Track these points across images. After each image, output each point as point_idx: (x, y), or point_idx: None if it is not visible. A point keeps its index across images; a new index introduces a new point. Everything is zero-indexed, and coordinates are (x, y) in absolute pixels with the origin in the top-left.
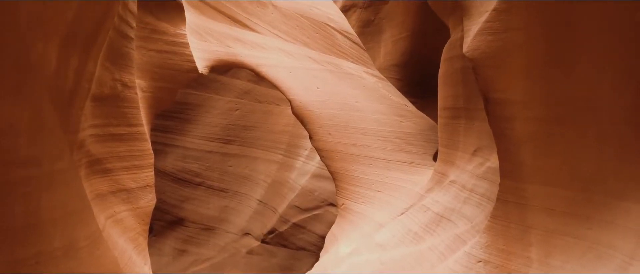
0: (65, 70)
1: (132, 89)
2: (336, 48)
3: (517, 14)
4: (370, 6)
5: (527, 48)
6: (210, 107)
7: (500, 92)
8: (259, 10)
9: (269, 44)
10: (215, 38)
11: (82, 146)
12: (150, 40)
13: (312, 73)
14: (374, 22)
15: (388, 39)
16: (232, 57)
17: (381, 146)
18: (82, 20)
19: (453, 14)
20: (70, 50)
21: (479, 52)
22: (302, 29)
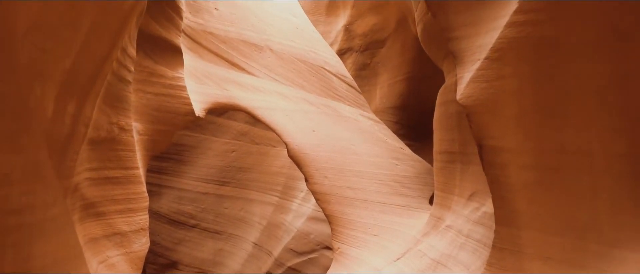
0: (62, 116)
1: (128, 132)
2: (332, 92)
3: (508, 63)
4: (366, 50)
5: (519, 96)
6: (207, 148)
7: (494, 139)
8: (256, 54)
9: (266, 87)
10: (213, 81)
11: (77, 190)
12: (148, 84)
13: (309, 116)
14: (369, 65)
15: (384, 82)
16: (229, 99)
17: (377, 189)
18: (80, 67)
19: (447, 59)
20: (67, 96)
21: (472, 100)
22: (299, 72)
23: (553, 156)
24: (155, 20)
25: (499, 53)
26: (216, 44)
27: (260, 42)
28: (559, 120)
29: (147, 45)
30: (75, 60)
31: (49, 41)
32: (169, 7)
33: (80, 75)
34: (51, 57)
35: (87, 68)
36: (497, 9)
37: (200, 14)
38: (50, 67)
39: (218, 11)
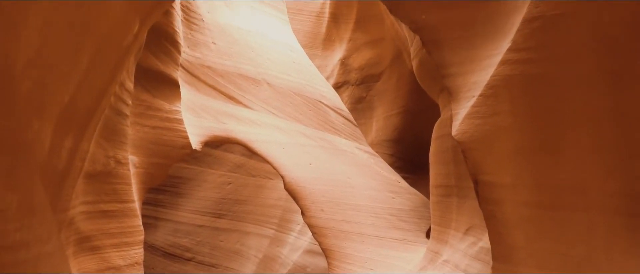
0: (59, 150)
1: (125, 165)
2: (329, 125)
3: (503, 100)
4: (362, 83)
5: (514, 133)
6: (203, 180)
7: (490, 175)
8: (253, 87)
9: (263, 120)
10: (210, 114)
11: (72, 223)
12: (145, 117)
13: (305, 150)
14: (366, 99)
15: (380, 115)
16: (226, 133)
17: (374, 223)
18: (78, 102)
19: (442, 94)
20: (65, 130)
21: (467, 136)
22: (295, 105)
23: (548, 193)
24: (153, 55)
25: (494, 90)
26: (213, 77)
27: (258, 75)
28: (554, 156)
29: (144, 79)
30: (74, 94)
31: (48, 76)
32: (167, 42)
33: (78, 109)
34: (50, 91)
35: (85, 103)
36: (491, 46)
37: (198, 48)
38: (49, 101)
39: (216, 45)
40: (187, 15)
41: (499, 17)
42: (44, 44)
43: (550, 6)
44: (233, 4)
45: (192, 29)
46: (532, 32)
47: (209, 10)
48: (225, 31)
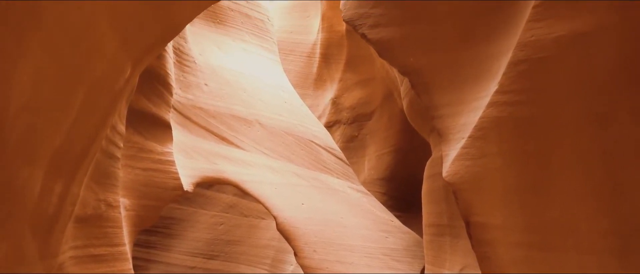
0: (49, 196)
1: (115, 208)
2: (321, 164)
3: (491, 141)
4: (353, 122)
5: (504, 174)
6: (195, 221)
7: (481, 216)
8: (245, 128)
9: (255, 161)
10: (202, 155)
11: (61, 268)
12: (137, 159)
13: (297, 190)
14: (357, 137)
15: (372, 154)
16: (218, 173)
17: (367, 263)
18: (70, 146)
19: (433, 133)
20: (55, 175)
21: (457, 177)
22: (288, 145)
23: (539, 233)
24: (145, 97)
25: (482, 132)
26: (206, 118)
27: (250, 116)
28: (544, 197)
29: (136, 121)
30: (65, 139)
31: (40, 121)
32: (159, 84)
33: (69, 153)
34: (41, 136)
35: (76, 147)
36: (479, 88)
37: (190, 90)
38: (40, 147)
39: (208, 87)
40: (179, 57)
41: (486, 60)
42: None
43: (536, 49)
44: (225, 46)
45: (184, 70)
46: (519, 74)
47: (201, 53)
48: (217, 73)
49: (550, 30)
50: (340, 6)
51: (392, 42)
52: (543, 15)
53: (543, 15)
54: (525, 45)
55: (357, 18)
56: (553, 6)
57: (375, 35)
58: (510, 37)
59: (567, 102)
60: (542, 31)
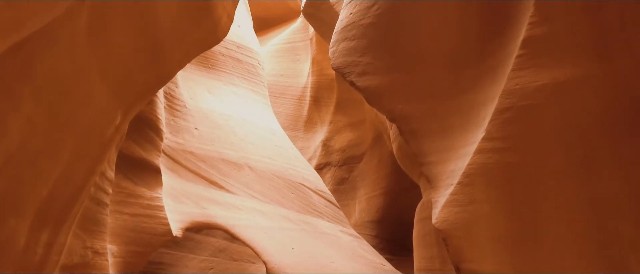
0: (34, 246)
1: (103, 256)
2: (311, 208)
3: (479, 188)
4: (344, 164)
5: (492, 221)
6: (184, 266)
7: (471, 262)
8: (235, 171)
9: (244, 205)
10: (191, 200)
11: None
12: (126, 205)
13: (287, 234)
14: (348, 180)
15: (362, 196)
16: (207, 218)
17: None
18: (57, 195)
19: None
20: (42, 225)
21: (447, 224)
22: (278, 189)
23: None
24: (135, 142)
25: (470, 179)
26: (196, 162)
27: (240, 160)
28: (533, 245)
29: (126, 167)
30: (53, 188)
31: (27, 172)
32: (149, 129)
33: (56, 203)
34: (28, 187)
35: (64, 196)
36: (466, 135)
37: (180, 134)
38: (26, 198)
39: (198, 131)
40: (170, 101)
41: (473, 107)
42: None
43: (520, 97)
44: (216, 90)
45: (175, 115)
46: (504, 122)
47: (192, 97)
48: (208, 117)
49: (534, 79)
50: (329, 54)
51: (380, 89)
52: (526, 64)
53: (526, 64)
54: (510, 94)
55: (346, 66)
56: (536, 56)
57: (363, 83)
58: (496, 85)
59: (552, 149)
60: (526, 80)
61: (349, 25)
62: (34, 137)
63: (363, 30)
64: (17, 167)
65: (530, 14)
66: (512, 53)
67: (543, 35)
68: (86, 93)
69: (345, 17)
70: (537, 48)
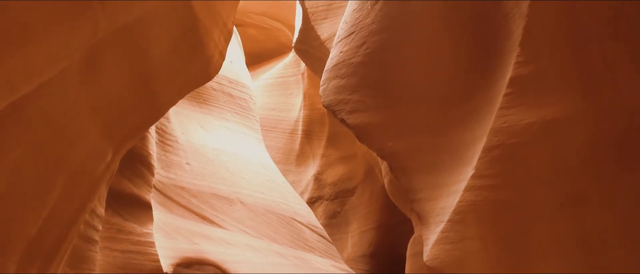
0: None
1: None
2: (303, 243)
3: (470, 225)
4: (336, 199)
5: (483, 258)
6: None
7: None
8: (226, 206)
9: (236, 240)
10: (182, 235)
11: None
12: (116, 241)
13: (279, 269)
14: (340, 213)
15: (355, 230)
16: (198, 254)
17: None
18: (46, 233)
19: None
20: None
21: (438, 261)
22: (269, 224)
23: None
24: (126, 178)
25: (461, 216)
26: (187, 198)
27: (231, 194)
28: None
29: (116, 203)
30: (42, 226)
31: (17, 210)
32: (141, 165)
33: (45, 241)
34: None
35: (53, 234)
36: (456, 172)
37: (172, 169)
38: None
39: (190, 166)
40: (161, 136)
41: (462, 145)
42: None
43: (508, 135)
44: (208, 125)
45: (167, 150)
46: (493, 160)
47: (183, 132)
48: (200, 151)
49: (521, 117)
50: (320, 92)
51: (371, 127)
52: (514, 103)
53: (514, 103)
54: (498, 131)
55: (336, 103)
56: (523, 94)
57: (353, 120)
58: (484, 123)
59: (541, 186)
60: (514, 118)
61: (340, 63)
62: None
63: (353, 68)
64: (6, 207)
65: (517, 53)
66: (499, 92)
67: (529, 74)
68: (77, 132)
69: (335, 56)
70: (524, 87)
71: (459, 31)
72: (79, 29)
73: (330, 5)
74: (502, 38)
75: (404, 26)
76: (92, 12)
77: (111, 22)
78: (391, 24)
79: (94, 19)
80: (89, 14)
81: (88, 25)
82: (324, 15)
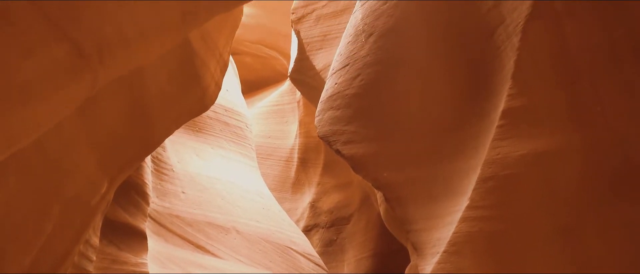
0: None
1: None
2: (299, 272)
3: (465, 256)
4: (332, 226)
5: None
6: None
7: None
8: (221, 235)
9: (231, 269)
10: (177, 264)
11: None
12: (110, 271)
13: None
14: (336, 242)
15: (351, 258)
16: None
17: None
18: (40, 265)
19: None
20: None
21: None
22: (265, 253)
23: None
24: (121, 207)
25: (456, 247)
26: (182, 226)
27: (227, 223)
28: None
29: (111, 232)
30: (36, 258)
31: (10, 243)
32: (136, 193)
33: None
34: (10, 258)
35: (47, 265)
36: (451, 203)
37: (167, 198)
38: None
39: (185, 194)
40: (157, 165)
41: (457, 175)
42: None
43: (502, 167)
44: (204, 153)
45: (162, 179)
46: (488, 191)
47: (179, 160)
48: (195, 180)
49: (515, 148)
50: (315, 123)
51: (366, 157)
52: (507, 134)
53: (507, 134)
54: (492, 163)
55: (331, 134)
56: (516, 126)
57: (348, 151)
58: (479, 154)
59: (535, 217)
60: (507, 149)
61: (335, 94)
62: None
63: (348, 100)
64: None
65: (509, 86)
66: (493, 123)
67: (522, 106)
68: (73, 164)
69: (330, 87)
70: (516, 119)
71: (452, 63)
72: (79, 86)
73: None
74: (495, 70)
75: (398, 58)
76: (92, 70)
77: (110, 75)
78: (385, 56)
79: (94, 75)
80: (89, 71)
81: (87, 82)
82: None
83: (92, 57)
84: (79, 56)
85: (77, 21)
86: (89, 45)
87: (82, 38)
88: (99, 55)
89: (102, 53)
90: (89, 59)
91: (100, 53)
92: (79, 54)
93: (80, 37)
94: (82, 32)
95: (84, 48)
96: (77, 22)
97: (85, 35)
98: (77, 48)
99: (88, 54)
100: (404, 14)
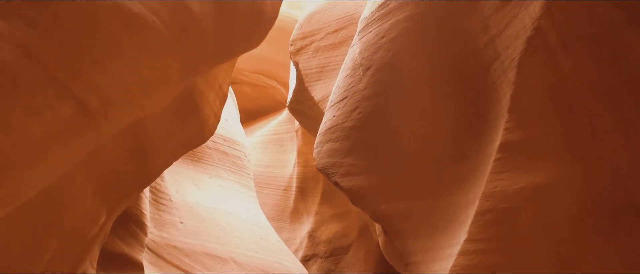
0: None
1: None
2: None
3: None
4: (330, 256)
5: None
6: None
7: None
8: (219, 266)
9: None
10: None
11: None
12: None
13: None
14: (334, 271)
15: None
16: None
17: None
18: None
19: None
20: None
21: None
22: None
23: None
24: (118, 237)
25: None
26: (179, 257)
27: (225, 254)
28: None
29: (108, 263)
30: None
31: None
32: (133, 224)
33: None
34: None
35: None
36: (449, 236)
37: (165, 228)
38: None
39: (183, 224)
40: (155, 195)
41: (455, 208)
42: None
43: (500, 200)
44: (202, 183)
45: (160, 208)
46: (486, 224)
47: (177, 190)
48: (193, 210)
49: (512, 181)
50: (314, 155)
51: (364, 190)
52: (504, 168)
53: (504, 168)
54: (490, 196)
55: (330, 167)
56: (513, 160)
57: (347, 184)
58: (476, 187)
59: (534, 250)
60: (505, 183)
61: (333, 127)
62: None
63: (346, 132)
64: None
65: (505, 120)
66: (490, 156)
67: (519, 140)
68: (72, 196)
69: (328, 119)
70: (513, 153)
71: (449, 97)
72: (83, 142)
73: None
74: (491, 104)
75: (395, 92)
76: (96, 126)
77: (114, 128)
78: (383, 89)
79: (98, 131)
80: (93, 127)
81: (92, 137)
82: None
83: (97, 113)
84: (84, 114)
85: (82, 80)
86: (93, 103)
87: (87, 96)
88: (103, 112)
89: (106, 110)
90: (94, 116)
91: (105, 109)
92: (84, 112)
93: (85, 96)
94: (87, 91)
95: (89, 106)
96: (82, 81)
97: (90, 94)
98: (82, 106)
99: (93, 111)
100: (401, 49)
